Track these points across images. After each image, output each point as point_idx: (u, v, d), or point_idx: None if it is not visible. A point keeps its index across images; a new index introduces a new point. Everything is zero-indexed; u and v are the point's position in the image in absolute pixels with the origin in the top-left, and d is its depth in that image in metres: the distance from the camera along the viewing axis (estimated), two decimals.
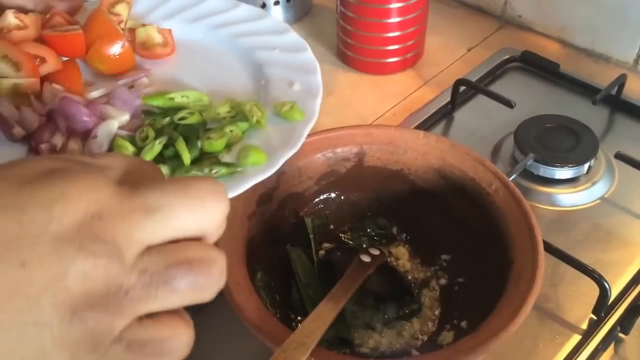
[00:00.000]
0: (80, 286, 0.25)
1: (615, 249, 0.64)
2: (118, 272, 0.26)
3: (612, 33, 0.86)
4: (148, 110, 0.62)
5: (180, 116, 0.59)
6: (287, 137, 0.56)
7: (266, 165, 0.53)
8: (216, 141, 0.56)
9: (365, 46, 0.84)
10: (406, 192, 0.56)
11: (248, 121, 0.58)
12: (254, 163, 0.54)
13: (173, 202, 0.27)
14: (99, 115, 0.61)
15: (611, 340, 0.57)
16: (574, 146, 0.70)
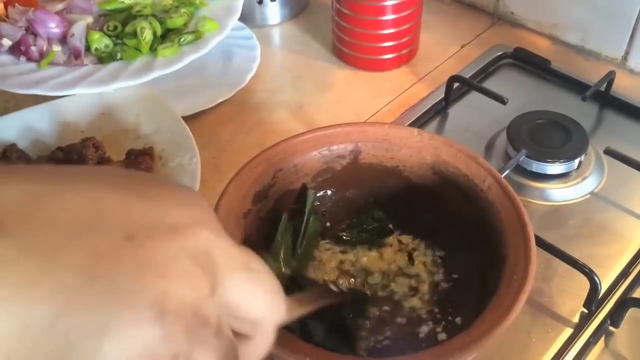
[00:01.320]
0: (180, 288, 0.25)
1: (606, 243, 0.65)
2: (207, 299, 0.26)
3: (601, 30, 0.87)
4: (103, 14, 0.82)
5: (137, 9, 0.80)
6: (228, 7, 0.82)
7: (219, 30, 0.78)
8: (177, 19, 0.79)
9: (360, 43, 0.85)
10: (401, 189, 0.57)
11: (193, 4, 0.82)
12: (210, 29, 0.78)
13: (265, 280, 0.29)
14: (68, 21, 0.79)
15: (602, 333, 0.58)
16: (564, 142, 0.71)
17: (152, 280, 0.24)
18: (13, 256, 0.22)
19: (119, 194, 0.26)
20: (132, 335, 0.23)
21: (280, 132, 0.77)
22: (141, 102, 0.73)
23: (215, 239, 0.27)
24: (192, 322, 0.25)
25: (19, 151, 0.66)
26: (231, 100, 0.82)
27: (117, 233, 0.24)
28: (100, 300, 0.23)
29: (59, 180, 0.26)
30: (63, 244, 0.23)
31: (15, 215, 0.23)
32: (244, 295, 0.28)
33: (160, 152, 0.69)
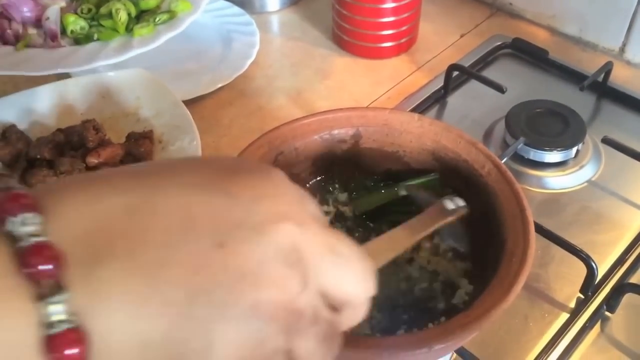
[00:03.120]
0: (272, 292, 0.26)
1: (602, 231, 0.65)
2: (300, 294, 0.27)
3: (599, 22, 0.87)
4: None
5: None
6: None
7: (192, 9, 0.79)
8: (150, 0, 0.80)
9: (360, 30, 0.85)
10: (401, 174, 0.57)
11: None
12: (184, 9, 0.79)
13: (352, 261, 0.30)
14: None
15: (598, 318, 0.58)
16: (562, 131, 0.72)
17: (245, 290, 0.26)
18: (125, 277, 0.24)
19: (206, 194, 0.27)
20: (233, 342, 0.26)
21: (280, 117, 0.77)
22: (141, 86, 0.73)
23: (300, 231, 0.28)
24: (287, 320, 0.27)
25: (18, 132, 0.66)
26: (231, 85, 0.82)
27: (208, 240, 0.26)
28: (203, 314, 0.25)
29: (147, 187, 0.27)
30: (162, 257, 0.25)
31: (121, 234, 0.25)
32: (332, 281, 0.29)
33: (161, 136, 0.69)
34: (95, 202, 0.26)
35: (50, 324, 0.23)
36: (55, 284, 0.23)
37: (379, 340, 0.43)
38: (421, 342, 0.41)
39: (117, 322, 0.24)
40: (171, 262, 0.25)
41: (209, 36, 0.90)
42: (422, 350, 0.41)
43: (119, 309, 0.24)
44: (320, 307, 0.29)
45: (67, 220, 0.25)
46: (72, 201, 0.26)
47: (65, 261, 0.24)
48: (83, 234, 0.25)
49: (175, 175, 0.28)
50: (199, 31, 0.90)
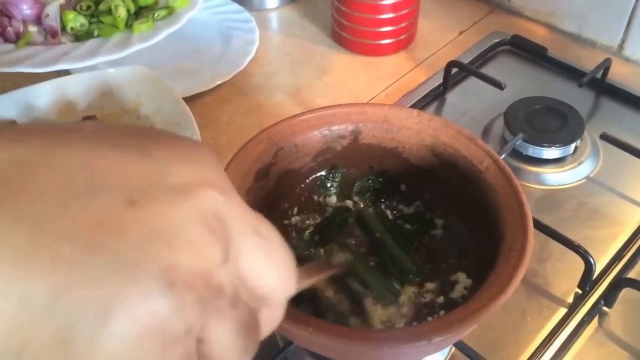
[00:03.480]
0: (189, 257, 0.23)
1: (600, 227, 0.66)
2: (219, 267, 0.24)
3: (598, 19, 0.87)
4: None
5: None
6: None
7: (190, 5, 0.81)
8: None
9: (359, 27, 0.86)
10: (400, 170, 0.58)
11: None
12: (182, 5, 0.81)
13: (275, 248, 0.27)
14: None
15: (595, 313, 0.59)
16: (561, 127, 0.72)
17: (159, 250, 0.22)
18: (4, 229, 0.20)
19: (116, 152, 0.24)
20: (140, 310, 0.21)
21: (279, 114, 0.77)
22: (141, 83, 0.73)
23: (225, 200, 0.25)
24: (204, 292, 0.23)
25: None
26: (230, 82, 0.82)
27: (116, 197, 0.22)
28: (103, 275, 0.21)
29: (47, 141, 0.23)
30: (57, 212, 0.21)
31: (4, 183, 0.21)
32: (253, 265, 0.26)
33: None
34: None
35: None
36: None
37: (379, 333, 0.44)
38: (421, 334, 0.41)
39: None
40: (66, 216, 0.21)
41: (208, 33, 0.90)
42: (422, 342, 0.41)
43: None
44: (240, 289, 0.25)
45: None
46: None
47: None
48: None
49: (84, 132, 0.25)
50: (199, 28, 0.90)
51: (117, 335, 0.21)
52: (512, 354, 0.56)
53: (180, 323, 0.22)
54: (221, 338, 0.24)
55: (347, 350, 0.44)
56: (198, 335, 0.23)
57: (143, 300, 0.21)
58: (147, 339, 0.21)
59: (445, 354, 0.55)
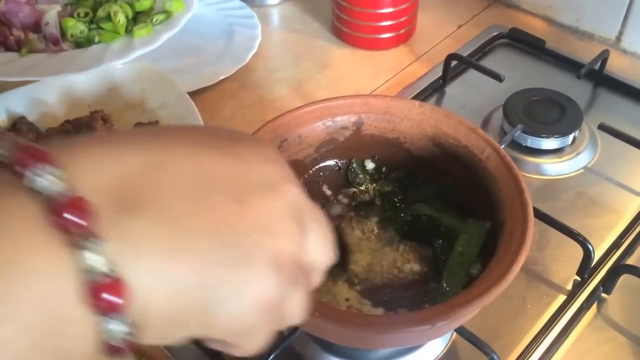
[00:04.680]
0: (286, 244, 0.29)
1: (598, 215, 0.67)
2: (301, 249, 0.31)
3: (595, 11, 0.88)
4: (69, 2, 0.86)
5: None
6: None
7: (185, 9, 0.83)
8: (144, 2, 0.83)
9: (359, 22, 0.87)
10: (402, 160, 0.59)
11: None
12: (178, 8, 0.83)
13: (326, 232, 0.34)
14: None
15: (594, 299, 0.60)
16: (559, 118, 0.73)
17: (266, 240, 0.28)
18: (156, 226, 0.26)
19: (217, 155, 0.29)
20: (257, 288, 0.28)
21: (281, 108, 0.78)
22: (147, 78, 0.74)
23: (299, 194, 0.31)
24: (294, 270, 0.30)
25: (28, 123, 0.68)
26: (233, 77, 0.83)
27: (227, 197, 0.28)
28: (231, 261, 0.27)
29: (165, 146, 0.28)
30: (189, 211, 0.27)
31: (144, 188, 0.26)
32: (315, 246, 0.32)
33: None
34: (112, 158, 0.26)
35: (88, 271, 0.24)
36: (89, 234, 0.24)
37: (383, 318, 0.45)
38: (424, 319, 0.42)
39: (153, 269, 0.25)
40: (197, 214, 0.27)
41: (211, 29, 0.91)
42: (426, 327, 0.42)
43: (153, 257, 0.25)
44: (308, 262, 0.32)
45: (87, 174, 0.25)
46: (89, 157, 0.26)
47: (95, 212, 0.24)
48: (107, 188, 0.25)
49: (184, 136, 0.30)
50: (202, 25, 0.91)
51: (242, 307, 0.28)
52: (512, 340, 0.57)
53: (279, 294, 0.29)
54: (295, 304, 0.31)
55: (352, 335, 0.46)
56: (283, 304, 0.30)
57: (260, 282, 0.28)
58: (259, 307, 0.28)
59: (447, 340, 0.57)
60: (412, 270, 0.54)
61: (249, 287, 0.28)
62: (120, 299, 0.24)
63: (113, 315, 0.24)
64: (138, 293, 0.25)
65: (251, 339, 0.30)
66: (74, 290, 0.24)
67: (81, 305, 0.24)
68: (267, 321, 0.30)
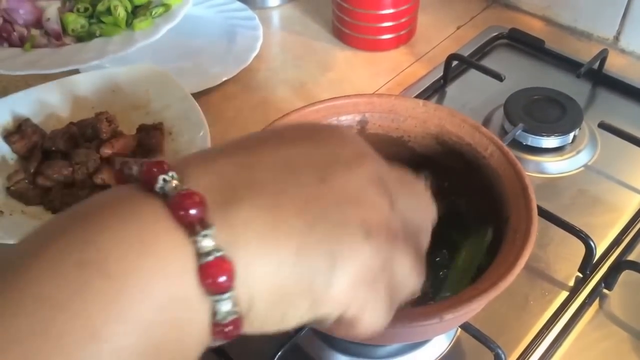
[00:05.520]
0: (373, 212, 0.31)
1: (599, 213, 0.68)
2: (391, 215, 0.32)
3: (593, 11, 0.89)
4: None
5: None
6: None
7: (183, 2, 0.84)
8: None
9: (360, 23, 0.87)
10: (406, 158, 0.59)
11: None
12: (175, 1, 0.84)
13: (420, 192, 0.37)
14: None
15: (596, 296, 0.60)
16: (559, 117, 0.74)
17: (353, 211, 0.30)
18: (255, 214, 0.28)
19: (299, 145, 0.32)
20: (353, 259, 0.30)
21: (284, 109, 0.78)
22: (151, 80, 0.74)
23: (380, 165, 0.33)
24: (388, 235, 0.31)
25: (33, 125, 0.68)
26: (235, 79, 0.84)
27: (312, 178, 0.30)
28: (323, 236, 0.29)
29: (250, 148, 0.32)
30: (281, 197, 0.29)
31: (241, 183, 0.29)
32: (410, 207, 0.34)
33: (171, 128, 0.71)
34: (213, 164, 0.30)
35: (202, 254, 0.27)
36: (203, 223, 0.27)
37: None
38: (433, 313, 0.43)
39: (254, 250, 0.28)
40: (286, 197, 0.29)
41: (213, 31, 0.92)
42: (434, 320, 0.43)
43: (253, 240, 0.28)
44: (406, 226, 0.33)
45: (197, 178, 0.29)
46: (198, 165, 0.30)
47: (206, 204, 0.28)
48: (211, 186, 0.29)
49: (268, 139, 0.33)
50: (204, 27, 0.92)
51: (342, 277, 0.29)
52: (516, 336, 0.57)
53: (378, 261, 0.30)
54: (403, 266, 0.32)
55: None
56: (389, 271, 0.32)
57: (354, 250, 0.30)
58: (360, 276, 0.30)
59: (451, 337, 0.57)
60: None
61: (344, 256, 0.29)
62: (226, 277, 0.27)
63: (222, 294, 0.27)
64: (242, 272, 0.28)
65: (366, 311, 0.31)
66: (192, 270, 0.27)
67: (197, 285, 0.27)
68: (376, 290, 0.31)
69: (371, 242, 0.30)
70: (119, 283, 0.25)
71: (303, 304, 0.29)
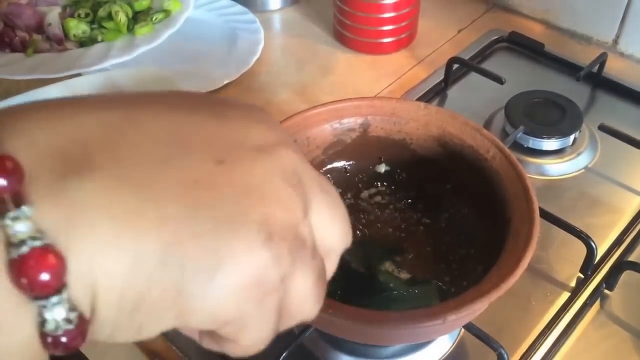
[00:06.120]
0: (280, 211, 0.24)
1: (600, 214, 0.68)
2: (302, 220, 0.25)
3: (592, 15, 0.90)
4: (68, 4, 0.87)
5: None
6: None
7: (182, 8, 0.85)
8: (143, 1, 0.85)
9: (361, 27, 0.88)
10: (408, 161, 0.60)
11: None
12: (175, 7, 0.85)
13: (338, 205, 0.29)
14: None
15: (597, 296, 0.61)
16: (560, 119, 0.74)
17: (254, 205, 0.23)
18: (111, 189, 0.21)
19: (196, 115, 0.25)
20: (245, 262, 0.23)
21: (286, 112, 0.78)
22: (152, 83, 0.75)
23: (299, 159, 0.27)
24: (294, 243, 0.25)
25: None
26: (237, 82, 0.84)
27: (206, 157, 0.23)
28: (208, 229, 0.22)
29: (131, 106, 0.24)
30: (156, 172, 0.22)
31: (100, 148, 0.22)
32: (324, 221, 0.27)
33: None
34: (64, 119, 0.22)
35: (16, 244, 0.20)
36: (17, 200, 0.20)
37: (395, 314, 0.46)
38: (436, 314, 0.43)
39: (99, 238, 0.21)
40: (166, 176, 0.22)
41: (214, 35, 0.92)
42: (437, 322, 0.43)
43: (102, 224, 0.21)
44: (315, 241, 0.27)
45: (30, 136, 0.21)
46: (35, 119, 0.22)
47: (27, 175, 0.20)
48: (50, 149, 0.21)
49: (162, 99, 0.26)
50: (205, 30, 0.93)
51: (225, 286, 0.22)
52: (518, 336, 0.58)
53: (277, 273, 0.24)
54: (302, 287, 0.26)
55: (365, 331, 0.46)
56: (284, 285, 0.25)
57: (247, 253, 0.23)
58: (249, 288, 0.23)
59: (454, 337, 0.58)
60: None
61: (231, 259, 0.22)
62: (50, 274, 0.20)
63: (50, 299, 0.20)
64: (81, 269, 0.21)
65: (247, 331, 0.24)
66: (1, 268, 0.20)
67: (10, 286, 0.20)
68: (265, 308, 0.24)
69: (271, 246, 0.23)
70: None
71: (167, 315, 0.22)
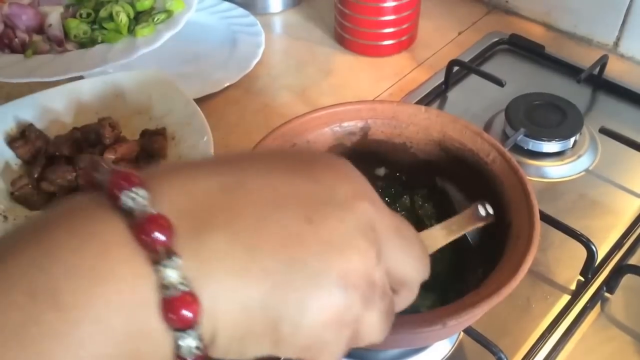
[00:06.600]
0: (355, 263, 0.29)
1: (600, 217, 0.68)
2: (375, 267, 0.30)
3: (593, 17, 0.90)
4: (70, 4, 0.87)
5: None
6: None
7: (185, 8, 0.83)
8: (145, 1, 0.84)
9: (362, 29, 0.88)
10: (408, 164, 0.60)
11: None
12: (178, 8, 0.83)
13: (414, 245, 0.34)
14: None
15: (598, 299, 0.61)
16: (560, 122, 0.74)
17: (335, 260, 0.28)
18: (229, 245, 0.27)
19: (290, 176, 0.30)
20: (326, 306, 0.28)
21: (286, 114, 0.79)
22: (153, 85, 0.75)
23: (375, 210, 0.31)
24: (366, 290, 0.30)
25: (37, 131, 0.69)
26: (237, 84, 0.84)
27: (297, 215, 0.28)
28: (299, 282, 0.28)
29: (237, 170, 0.30)
30: (258, 228, 0.27)
31: (219, 209, 0.27)
32: (397, 261, 0.32)
33: (173, 133, 0.71)
34: (192, 183, 0.28)
35: (166, 286, 0.25)
36: (169, 251, 0.25)
37: (395, 319, 0.46)
38: (436, 319, 0.43)
39: (222, 287, 0.27)
40: (267, 234, 0.28)
41: (215, 37, 0.92)
42: (437, 326, 0.43)
43: (224, 276, 0.27)
44: (387, 283, 0.32)
45: (170, 197, 0.27)
46: (173, 182, 0.28)
47: (175, 231, 0.26)
48: (185, 209, 0.27)
49: (260, 162, 0.31)
50: (206, 32, 0.93)
51: (310, 323, 0.28)
52: (518, 339, 0.58)
53: (351, 314, 0.29)
54: (371, 322, 0.31)
55: None
56: (357, 321, 0.30)
57: (326, 300, 0.28)
58: (329, 324, 0.29)
59: (454, 340, 0.57)
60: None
61: (315, 307, 0.28)
62: (192, 314, 0.26)
63: (186, 330, 0.26)
64: (208, 308, 0.26)
65: (324, 355, 0.30)
66: (153, 304, 0.25)
67: (159, 318, 0.25)
68: (341, 337, 0.30)
69: (347, 295, 0.29)
70: (72, 315, 0.24)
71: (266, 342, 0.28)
